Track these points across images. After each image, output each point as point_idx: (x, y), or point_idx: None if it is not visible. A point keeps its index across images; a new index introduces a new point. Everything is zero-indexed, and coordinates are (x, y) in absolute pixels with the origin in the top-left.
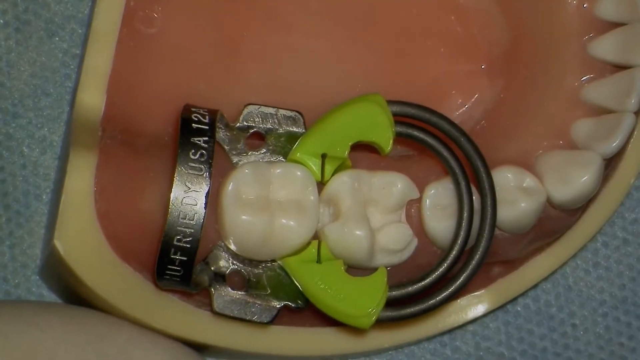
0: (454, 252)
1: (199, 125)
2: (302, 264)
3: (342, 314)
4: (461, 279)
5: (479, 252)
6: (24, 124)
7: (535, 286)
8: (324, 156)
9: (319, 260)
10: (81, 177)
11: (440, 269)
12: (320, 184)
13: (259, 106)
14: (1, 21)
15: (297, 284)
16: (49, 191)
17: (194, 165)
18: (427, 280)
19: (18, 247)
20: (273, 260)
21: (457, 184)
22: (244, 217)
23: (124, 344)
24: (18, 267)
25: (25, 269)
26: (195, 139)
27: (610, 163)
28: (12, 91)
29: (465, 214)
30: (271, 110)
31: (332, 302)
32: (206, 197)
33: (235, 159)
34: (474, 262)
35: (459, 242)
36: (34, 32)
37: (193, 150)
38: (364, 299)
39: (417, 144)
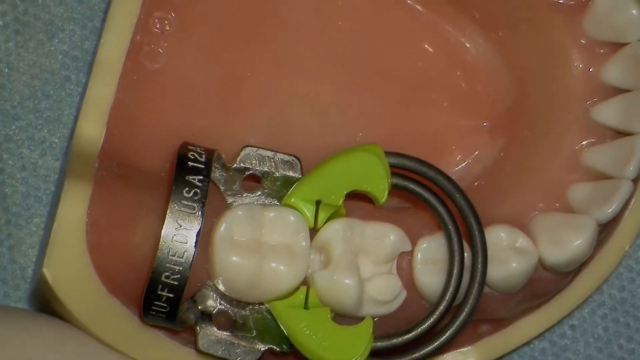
0: (441, 307)
1: (195, 164)
2: (289, 309)
3: None
4: (447, 334)
5: (466, 309)
6: (24, 126)
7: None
8: (318, 203)
9: (306, 307)
10: (74, 208)
11: (427, 323)
12: (313, 231)
13: (257, 148)
14: (1, 23)
15: (283, 329)
16: (48, 193)
17: (187, 203)
18: (413, 333)
19: (17, 249)
20: (261, 303)
21: (449, 239)
22: (234, 258)
23: None
24: (17, 269)
25: (25, 270)
26: (190, 177)
27: (606, 228)
28: (11, 93)
29: (455, 270)
30: (269, 153)
31: (316, 349)
32: (197, 235)
33: (229, 200)
34: (461, 318)
35: (447, 296)
36: (34, 34)
37: (187, 188)
38: (348, 348)
39: (412, 196)
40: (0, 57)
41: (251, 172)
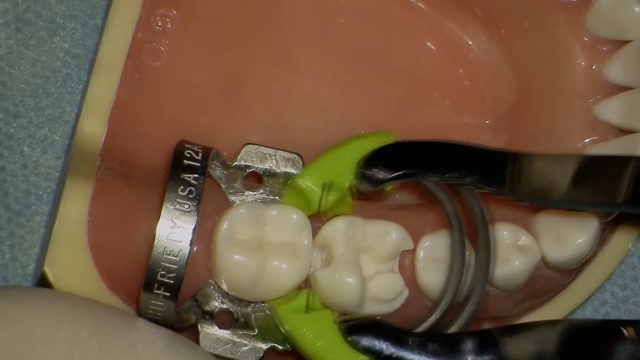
0: (443, 304)
1: (191, 162)
2: (290, 313)
3: None
4: (459, 322)
5: (469, 305)
6: (25, 124)
7: None
8: (325, 185)
9: (307, 310)
10: (76, 206)
11: (429, 320)
12: (315, 229)
13: (257, 146)
14: (2, 21)
15: (285, 333)
16: (49, 191)
17: (181, 201)
18: (416, 331)
19: (18, 247)
20: (263, 301)
21: (452, 235)
22: (236, 256)
23: (134, 342)
24: (18, 267)
25: (26, 269)
26: (185, 175)
27: (608, 226)
28: (13, 91)
29: (457, 266)
30: (270, 151)
31: (319, 352)
32: (192, 234)
33: (231, 198)
34: (464, 315)
35: (448, 293)
36: (35, 31)
37: (182, 187)
38: (352, 350)
39: (419, 190)
40: (1, 55)
41: (252, 169)
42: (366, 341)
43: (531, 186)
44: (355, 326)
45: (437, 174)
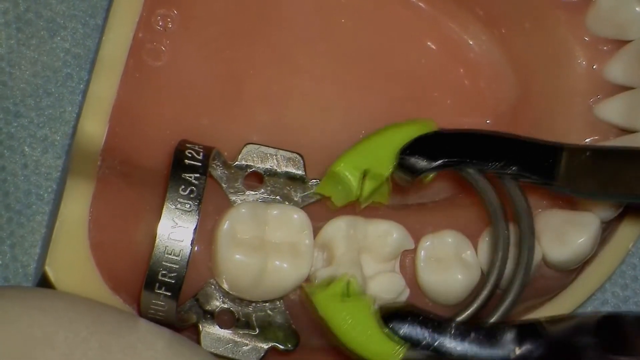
0: (485, 293)
1: (192, 162)
2: (329, 299)
3: (370, 352)
4: (499, 313)
5: (510, 296)
6: (26, 124)
7: None
8: (365, 173)
9: (347, 296)
10: (77, 205)
11: (470, 310)
12: (316, 227)
13: (258, 146)
14: (2, 20)
15: (324, 319)
16: (50, 191)
17: (183, 201)
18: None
19: (19, 247)
20: (264, 301)
21: (495, 226)
22: (237, 256)
23: (134, 342)
24: (19, 267)
25: (26, 268)
26: (187, 175)
27: (609, 226)
28: (13, 91)
29: (500, 257)
30: (271, 150)
31: (360, 339)
32: (193, 233)
33: (232, 198)
34: (504, 306)
35: (491, 283)
36: (36, 31)
37: (183, 186)
38: (391, 338)
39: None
40: (2, 55)
41: (253, 169)
42: (406, 329)
43: (592, 180)
44: (394, 313)
45: (481, 163)
